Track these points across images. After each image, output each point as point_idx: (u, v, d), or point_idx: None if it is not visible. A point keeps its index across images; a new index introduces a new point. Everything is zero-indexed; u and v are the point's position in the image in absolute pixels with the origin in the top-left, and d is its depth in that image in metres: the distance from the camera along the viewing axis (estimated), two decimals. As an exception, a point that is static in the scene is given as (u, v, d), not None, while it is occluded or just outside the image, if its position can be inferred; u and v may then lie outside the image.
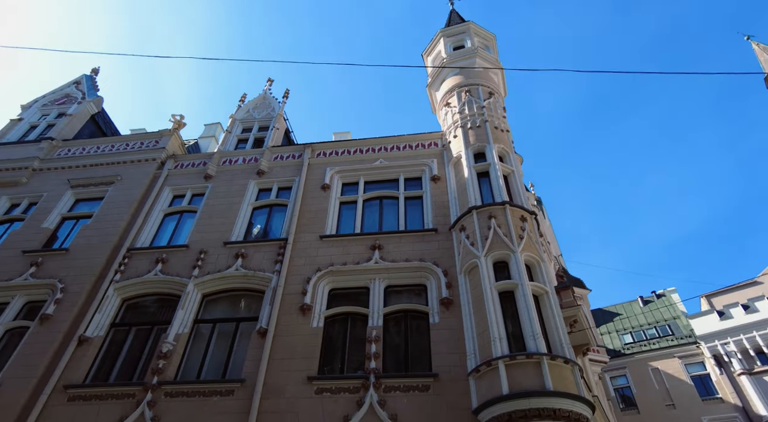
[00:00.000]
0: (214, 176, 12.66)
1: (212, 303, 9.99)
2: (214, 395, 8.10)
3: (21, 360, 9.02)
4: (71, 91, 16.50)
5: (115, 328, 9.72)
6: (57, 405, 8.32)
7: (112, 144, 14.07)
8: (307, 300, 9.15)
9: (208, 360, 8.96)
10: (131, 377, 8.82)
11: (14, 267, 10.83)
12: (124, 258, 10.73)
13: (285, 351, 8.48)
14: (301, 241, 10.46)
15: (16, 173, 13.34)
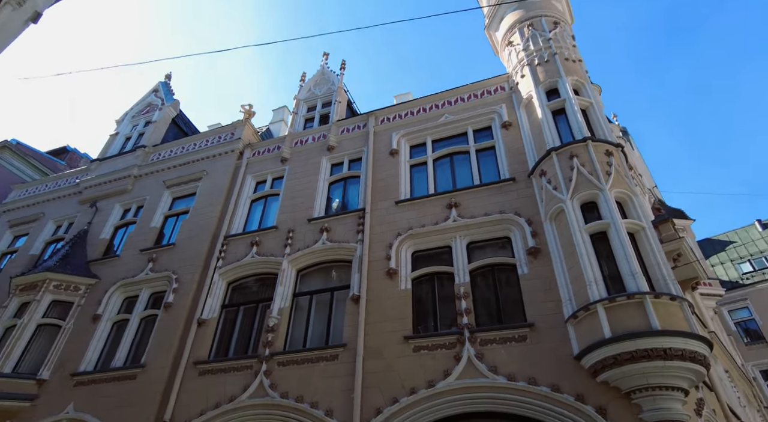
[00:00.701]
0: (289, 159, 13.16)
1: (306, 277, 10.61)
2: (320, 360, 8.72)
3: (156, 343, 10.35)
4: (152, 99, 17.88)
5: (225, 309, 10.73)
6: (191, 379, 9.49)
7: (194, 142, 15.12)
8: (392, 265, 9.37)
9: (310, 329, 9.62)
10: (246, 350, 9.76)
11: (137, 264, 12.28)
12: (223, 245, 11.68)
13: (379, 314, 8.83)
14: (378, 209, 10.63)
15: (122, 182, 14.91)
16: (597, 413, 6.49)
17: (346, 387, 8.16)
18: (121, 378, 10.05)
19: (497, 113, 11.41)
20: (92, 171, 15.96)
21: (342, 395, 8.11)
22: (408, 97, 15.92)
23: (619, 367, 6.33)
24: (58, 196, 16.06)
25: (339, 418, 7.84)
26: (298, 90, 15.71)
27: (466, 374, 7.51)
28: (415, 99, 12.98)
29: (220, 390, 9.03)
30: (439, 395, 7.46)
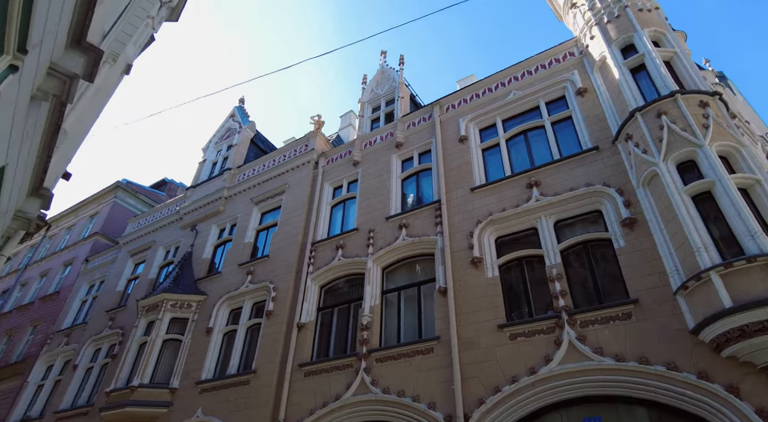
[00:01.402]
0: (360, 161, 13.42)
1: (392, 274, 10.74)
2: (416, 355, 8.77)
3: (263, 349, 11.08)
4: (230, 124, 19.22)
5: (321, 311, 11.20)
6: (298, 380, 10.02)
7: (273, 159, 15.99)
8: (476, 253, 9.15)
9: (402, 325, 9.71)
10: (345, 349, 10.10)
11: (237, 278, 13.26)
12: (311, 252, 12.21)
13: (469, 305, 8.68)
14: (454, 198, 10.45)
15: (214, 204, 16.20)
16: (728, 392, 5.81)
17: (444, 379, 8.13)
18: (236, 383, 10.90)
19: (570, 81, 10.70)
20: (188, 198, 17.51)
21: (442, 387, 8.09)
22: (471, 79, 15.51)
23: (747, 339, 5.62)
24: (163, 224, 17.84)
25: (442, 410, 7.83)
26: (361, 93, 15.97)
27: (569, 358, 7.12)
28: (479, 81, 12.59)
29: (325, 389, 9.44)
30: (542, 381, 7.16)
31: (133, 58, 8.44)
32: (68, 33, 4.05)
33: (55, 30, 3.72)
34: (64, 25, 3.89)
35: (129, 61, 8.13)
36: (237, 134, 18.30)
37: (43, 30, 3.47)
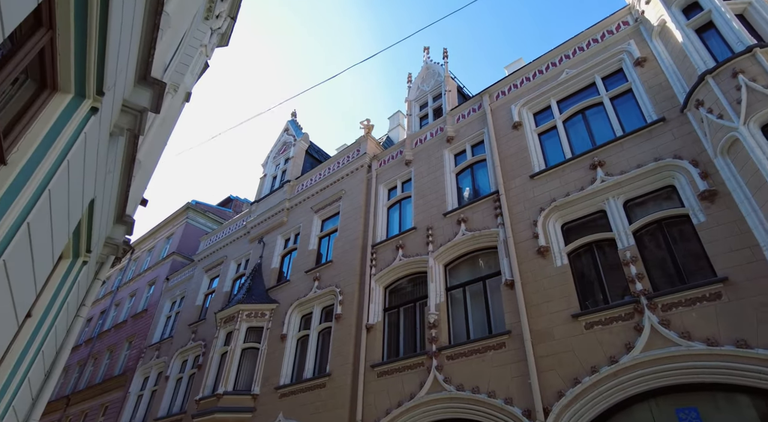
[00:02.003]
0: (412, 160, 13.43)
1: (455, 270, 10.64)
2: (488, 350, 8.62)
3: (335, 352, 11.37)
4: (285, 138, 19.94)
5: (387, 312, 11.31)
6: (372, 381, 10.18)
7: (328, 167, 16.39)
8: (542, 242, 8.85)
9: (471, 321, 9.58)
10: (415, 348, 10.13)
11: (305, 285, 13.71)
12: (372, 254, 12.37)
13: (538, 296, 8.41)
14: (513, 187, 10.18)
15: (278, 216, 16.86)
16: None
17: (519, 374, 7.93)
18: (312, 387, 11.26)
19: (626, 52, 10.08)
20: (253, 212, 18.35)
21: (517, 382, 7.90)
22: (519, 64, 15.04)
23: None
24: (233, 239, 18.81)
25: (520, 405, 7.64)
26: (407, 92, 15.98)
27: (653, 344, 6.69)
28: (528, 64, 12.18)
29: (399, 389, 9.52)
30: (625, 371, 6.78)
31: (191, 86, 9.01)
32: (135, 71, 4.40)
33: (125, 70, 4.06)
34: (131, 64, 4.23)
35: (188, 89, 8.69)
36: (292, 147, 18.93)
37: (115, 72, 3.80)
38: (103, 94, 3.68)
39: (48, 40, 2.96)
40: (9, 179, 2.95)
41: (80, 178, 4.00)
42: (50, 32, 2.91)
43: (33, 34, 2.83)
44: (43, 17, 2.82)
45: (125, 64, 4.03)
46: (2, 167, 2.93)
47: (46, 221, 3.54)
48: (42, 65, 3.12)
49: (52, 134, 3.37)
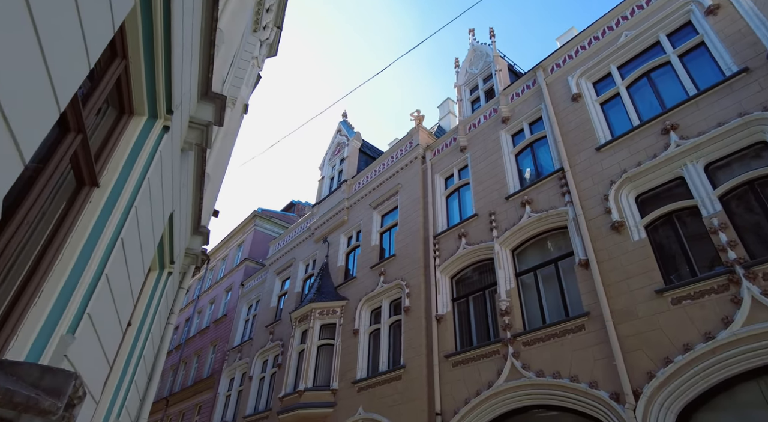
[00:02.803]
0: (467, 146, 13.18)
1: (523, 254, 10.34)
2: (566, 334, 8.31)
3: (408, 344, 11.45)
4: (339, 139, 20.30)
5: (456, 302, 11.21)
6: (447, 371, 10.15)
7: (382, 163, 16.49)
8: (615, 217, 8.37)
9: (545, 305, 9.28)
10: (488, 337, 9.97)
11: (371, 280, 13.91)
12: (435, 245, 12.30)
13: (616, 274, 7.97)
14: (579, 163, 9.70)
15: (339, 215, 17.23)
16: None
17: (603, 356, 7.58)
18: (389, 380, 11.41)
19: (694, 2, 9.22)
20: (315, 214, 18.87)
21: (601, 364, 7.55)
22: (572, 33, 14.29)
23: None
24: (299, 242, 19.47)
25: (606, 389, 7.30)
26: (455, 78, 15.69)
27: (755, 317, 6.13)
28: (581, 32, 11.51)
29: (476, 378, 9.42)
30: (724, 347, 6.27)
31: (248, 98, 9.40)
32: (198, 87, 4.66)
33: (189, 88, 4.30)
34: (194, 82, 4.48)
35: (245, 101, 9.06)
36: (346, 147, 19.24)
37: (181, 91, 4.03)
38: (172, 113, 3.92)
39: (123, 68, 3.19)
40: (102, 199, 3.22)
41: (159, 194, 4.29)
42: (124, 61, 3.14)
43: (110, 65, 3.06)
44: (117, 47, 3.04)
45: (189, 82, 4.27)
46: (96, 189, 3.20)
47: (135, 236, 3.83)
48: (119, 92, 3.37)
49: (133, 155, 3.64)
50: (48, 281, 2.80)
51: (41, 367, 1.94)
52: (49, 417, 1.84)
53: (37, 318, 2.70)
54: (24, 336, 2.63)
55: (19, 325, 2.61)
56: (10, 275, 2.51)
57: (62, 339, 2.87)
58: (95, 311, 3.26)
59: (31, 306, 2.69)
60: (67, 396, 1.89)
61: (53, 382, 1.88)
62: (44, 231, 2.76)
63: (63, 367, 2.86)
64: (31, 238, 2.65)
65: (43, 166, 2.49)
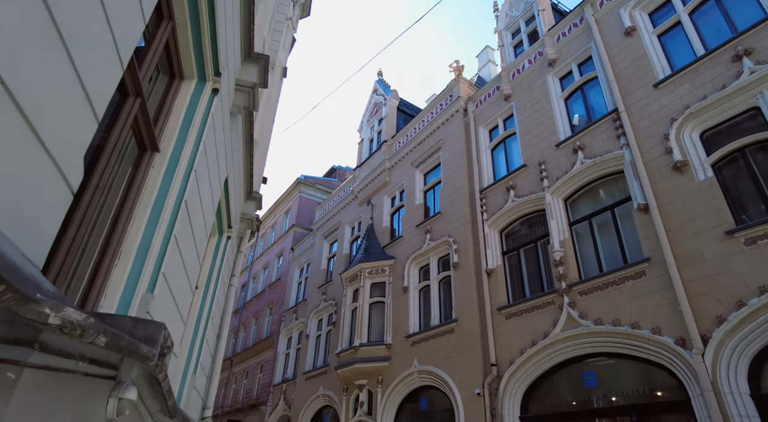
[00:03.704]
0: (512, 94, 12.61)
1: (575, 203, 9.98)
2: (625, 281, 8.07)
3: (459, 299, 11.52)
4: (376, 99, 19.97)
5: (506, 255, 11.08)
6: (501, 324, 10.18)
7: (422, 120, 16.13)
8: (678, 157, 7.85)
9: (601, 253, 9.00)
10: (542, 288, 9.85)
11: (418, 239, 13.95)
12: (482, 199, 12.09)
13: (679, 217, 7.56)
14: (635, 102, 9.08)
15: (381, 176, 17.19)
16: None
17: (666, 302, 7.32)
18: (442, 333, 11.61)
19: None
20: (357, 177, 18.92)
21: (664, 310, 7.31)
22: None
23: None
24: (343, 205, 19.69)
25: (671, 334, 7.09)
26: (495, 22, 14.87)
27: (843, 254, 5.67)
28: (633, -41, 10.49)
29: (531, 329, 9.40)
30: (806, 287, 5.87)
31: (285, 61, 9.31)
32: (241, 49, 4.62)
33: (233, 49, 4.28)
34: (237, 43, 4.44)
35: (283, 64, 8.99)
36: (383, 107, 18.93)
37: (226, 52, 4.01)
38: (219, 75, 3.92)
39: (170, 31, 3.18)
40: (164, 163, 3.31)
41: (215, 158, 4.37)
42: (171, 23, 3.12)
43: (158, 28, 3.05)
44: (163, 9, 3.02)
45: (232, 44, 4.23)
46: (157, 153, 3.28)
47: (197, 199, 3.95)
48: (168, 56, 3.38)
49: (187, 119, 3.69)
50: (125, 243, 2.94)
51: (133, 319, 2.04)
52: (146, 363, 1.95)
53: (119, 278, 2.86)
54: (111, 295, 2.79)
55: (105, 285, 2.77)
56: (92, 239, 2.64)
57: (144, 297, 3.03)
58: (168, 271, 3.42)
59: (113, 267, 2.84)
60: (159, 345, 1.99)
61: (145, 332, 1.97)
62: (116, 196, 2.87)
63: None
64: (106, 202, 2.76)
65: (109, 132, 2.55)
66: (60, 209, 1.65)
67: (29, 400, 1.32)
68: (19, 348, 1.27)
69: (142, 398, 2.57)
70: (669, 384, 7.22)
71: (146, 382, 2.48)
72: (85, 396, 1.76)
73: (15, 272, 1.19)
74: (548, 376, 9.07)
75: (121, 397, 2.02)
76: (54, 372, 1.47)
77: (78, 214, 2.25)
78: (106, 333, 1.37)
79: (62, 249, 2.13)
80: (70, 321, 1.22)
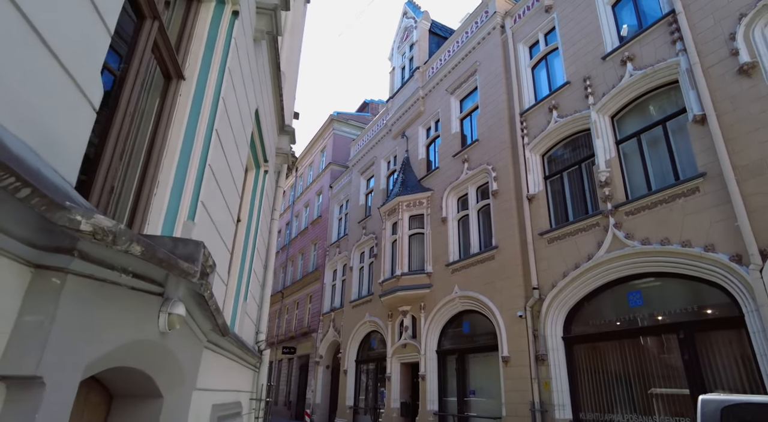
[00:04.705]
0: (553, 4, 11.53)
1: (622, 121, 9.36)
2: (676, 198, 7.67)
3: (499, 226, 11.41)
4: (406, 22, 18.88)
5: (548, 180, 10.72)
6: (543, 248, 10.09)
7: (456, 41, 15.19)
8: (745, 58, 7.05)
9: (650, 171, 8.54)
10: (585, 210, 9.55)
11: (455, 169, 13.68)
12: (522, 122, 11.54)
13: (743, 126, 6.94)
14: (695, 0, 8.08)
15: (414, 106, 16.64)
16: None
17: (721, 218, 6.95)
18: (482, 260, 11.68)
19: None
20: (390, 109, 18.44)
21: (718, 227, 6.96)
22: None
23: None
24: (378, 140, 19.43)
25: (726, 251, 6.79)
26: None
27: None
28: None
29: (574, 252, 9.26)
30: None
31: (306, -15, 8.79)
32: (257, -34, 4.35)
33: (247, -35, 4.02)
34: (251, -41, 4.17)
35: (305, -12, 8.50)
36: (414, 31, 17.92)
37: (240, -32, 3.77)
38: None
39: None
40: (191, 91, 3.26)
41: (242, 86, 4.28)
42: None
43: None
44: None
45: (247, -41, 3.97)
46: (182, 81, 3.22)
47: (227, 128, 3.92)
48: (182, -24, 3.21)
49: (210, 44, 3.56)
50: (161, 172, 2.97)
51: (173, 238, 2.08)
52: (189, 279, 2.00)
53: (160, 207, 2.92)
54: (153, 223, 2.87)
55: (148, 213, 2.84)
56: (130, 170, 2.68)
57: (185, 224, 3.11)
58: (207, 200, 3.48)
59: (152, 196, 2.89)
60: (200, 263, 2.03)
61: (185, 249, 2.01)
62: (147, 126, 2.87)
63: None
64: (138, 132, 2.77)
65: (130, 57, 2.49)
66: (83, 125, 1.63)
67: (78, 305, 1.38)
68: (60, 256, 1.30)
69: (192, 316, 2.71)
70: (720, 301, 7.03)
71: (194, 301, 2.60)
72: (136, 309, 1.85)
73: (40, 179, 1.18)
74: (591, 298, 9.05)
75: (170, 312, 2.12)
76: (100, 283, 1.52)
77: (111, 141, 2.26)
78: (140, 242, 1.38)
79: (99, 177, 2.16)
80: (101, 227, 1.22)
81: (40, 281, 1.28)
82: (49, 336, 1.25)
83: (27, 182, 1.07)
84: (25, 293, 1.27)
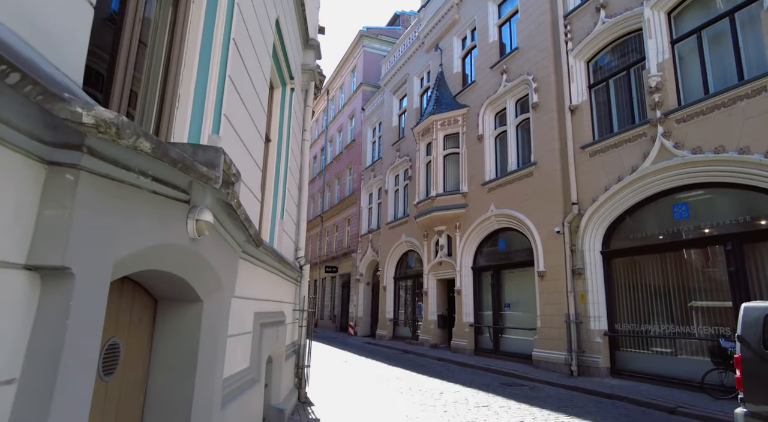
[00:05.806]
0: None
1: (680, 17, 8.36)
2: (737, 101, 7.00)
3: (538, 141, 10.93)
4: None
5: (592, 89, 9.99)
6: (583, 162, 9.66)
7: (493, -64, 13.61)
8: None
9: (709, 73, 7.74)
10: (632, 120, 8.94)
11: (493, 81, 12.93)
12: (566, 26, 10.55)
13: (826, 12, 6.04)
14: None
15: (449, 14, 15.45)
16: None
17: (789, 121, 6.30)
18: (519, 177, 11.38)
19: None
20: (423, 20, 17.24)
21: (785, 131, 6.34)
22: None
23: None
24: (410, 55, 18.45)
25: (788, 157, 6.25)
26: None
27: None
28: None
29: (617, 164, 8.83)
30: None
31: None
32: None
33: None
34: None
35: None
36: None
37: None
38: None
39: None
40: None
41: (258, -8, 4.02)
42: None
43: None
44: None
45: None
46: (193, -15, 3.03)
47: (246, 38, 3.74)
48: None
49: (217, -57, 3.30)
50: (181, 85, 2.91)
51: (194, 144, 2.05)
52: (211, 184, 2.00)
53: (183, 121, 2.89)
54: (178, 136, 2.86)
55: (172, 126, 2.83)
56: (150, 84, 2.62)
57: (210, 137, 3.09)
58: (230, 114, 3.42)
59: (174, 110, 2.86)
60: (220, 168, 2.01)
61: (205, 155, 1.99)
62: (162, 39, 2.76)
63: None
64: (155, 46, 2.67)
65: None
66: (82, 21, 1.55)
67: (96, 202, 1.40)
68: (70, 152, 1.29)
69: (223, 225, 2.77)
70: (775, 210, 6.63)
71: (224, 211, 2.64)
72: (161, 214, 1.88)
73: (33, 67, 1.14)
74: (633, 211, 8.76)
75: (198, 219, 2.15)
76: (118, 183, 1.52)
77: (123, 48, 2.18)
78: (148, 138, 1.35)
79: (116, 89, 2.12)
80: (103, 119, 1.18)
81: (55, 177, 1.29)
82: (70, 230, 1.28)
83: (14, 66, 1.02)
84: (43, 189, 1.28)
